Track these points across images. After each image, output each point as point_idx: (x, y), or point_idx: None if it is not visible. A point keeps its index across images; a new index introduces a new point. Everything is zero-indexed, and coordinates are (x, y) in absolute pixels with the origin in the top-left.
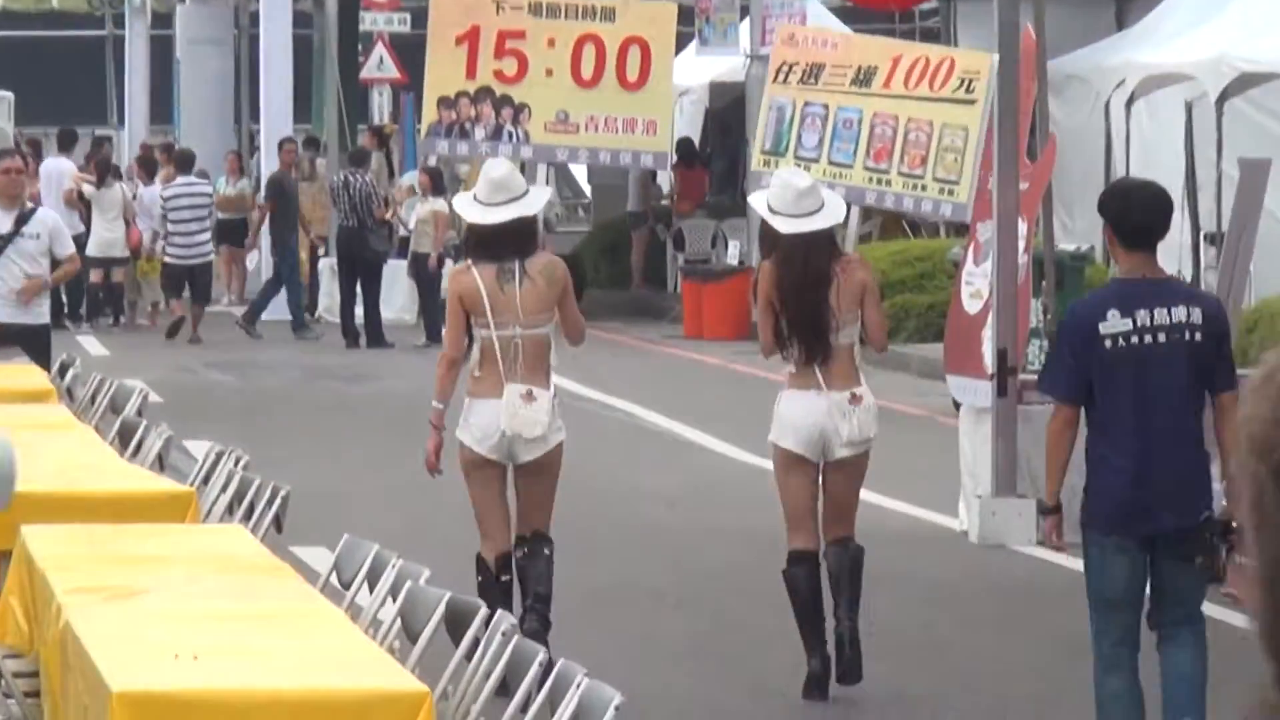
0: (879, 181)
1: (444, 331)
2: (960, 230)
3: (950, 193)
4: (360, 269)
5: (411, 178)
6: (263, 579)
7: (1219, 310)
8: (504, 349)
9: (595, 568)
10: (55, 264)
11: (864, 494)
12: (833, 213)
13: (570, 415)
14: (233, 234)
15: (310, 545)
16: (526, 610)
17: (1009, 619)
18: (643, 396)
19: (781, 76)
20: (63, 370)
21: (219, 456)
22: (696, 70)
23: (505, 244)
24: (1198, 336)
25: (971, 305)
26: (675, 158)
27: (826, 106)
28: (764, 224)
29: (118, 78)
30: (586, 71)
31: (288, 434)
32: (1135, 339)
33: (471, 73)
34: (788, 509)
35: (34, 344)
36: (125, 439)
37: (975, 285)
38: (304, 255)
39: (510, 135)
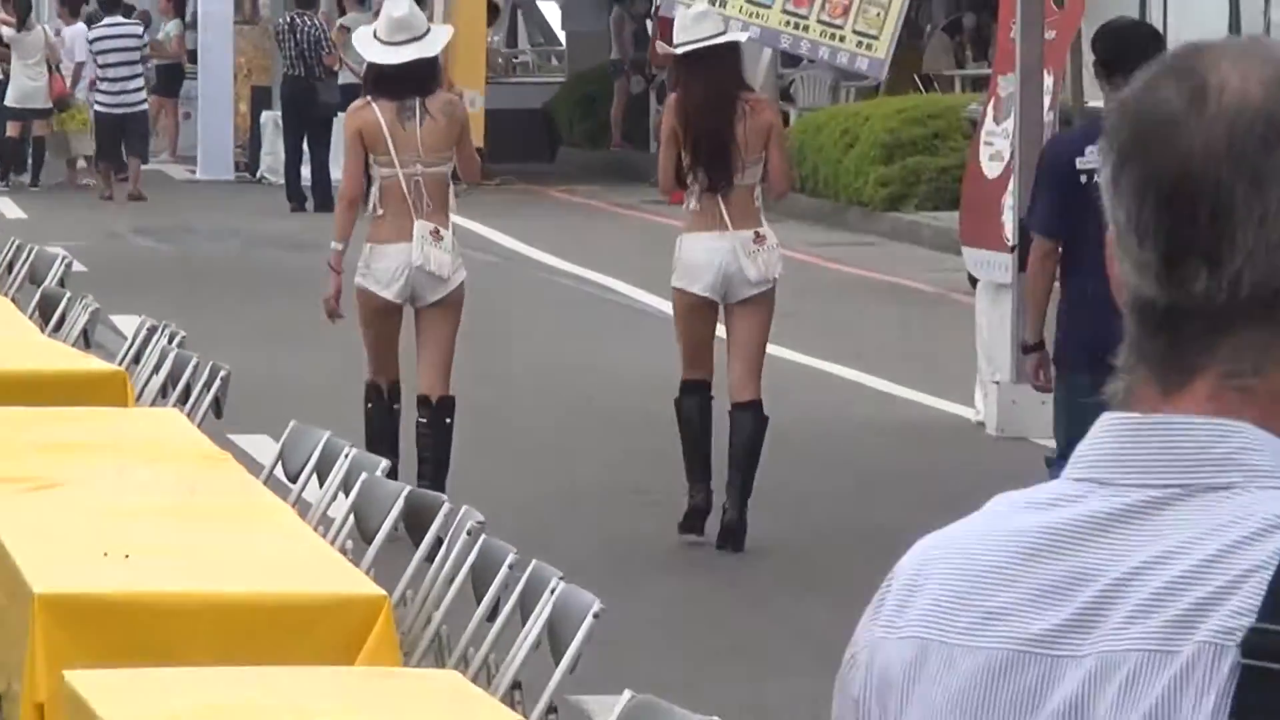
0: (796, 26)
1: (343, 169)
2: (979, 84)
3: (869, 47)
4: (308, 124)
5: (352, 19)
6: (201, 469)
7: None
8: (407, 186)
9: (570, 464)
10: None
11: (869, 380)
12: (729, 34)
13: (542, 289)
14: (165, 82)
15: (253, 433)
16: (420, 466)
17: None
18: (622, 268)
19: None
20: None
21: (151, 332)
22: None
23: (406, 83)
24: None
25: (991, 169)
26: None
27: None
28: (671, 62)
29: None
30: None
31: (227, 308)
32: None
33: None
34: (686, 347)
35: None
36: (46, 312)
37: (995, 146)
38: (243, 107)
39: None
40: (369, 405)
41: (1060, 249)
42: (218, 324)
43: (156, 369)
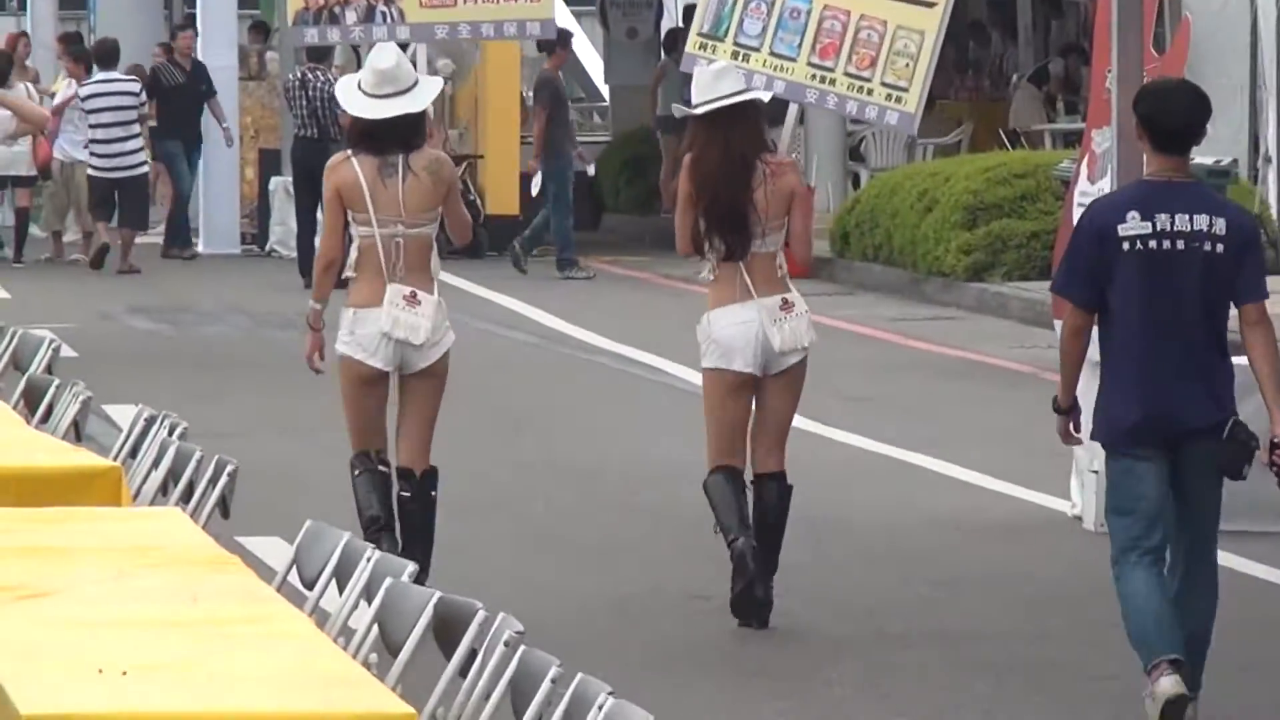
0: (822, 80)
1: (322, 229)
2: (1071, 140)
3: (898, 100)
4: (321, 190)
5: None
6: (206, 575)
7: (1244, 220)
8: (385, 248)
9: (620, 568)
10: None
11: (952, 469)
12: (752, 90)
13: (584, 371)
14: None
15: (264, 534)
16: (403, 544)
17: None
18: (672, 348)
19: None
20: None
21: (148, 423)
22: None
23: (389, 137)
24: (1218, 247)
25: None
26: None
27: None
28: (688, 124)
29: None
30: None
31: (234, 396)
32: (1153, 243)
33: None
34: (717, 434)
35: None
36: (32, 402)
37: None
38: (249, 173)
39: (384, 15)
40: (356, 473)
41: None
42: (223, 414)
43: (155, 464)
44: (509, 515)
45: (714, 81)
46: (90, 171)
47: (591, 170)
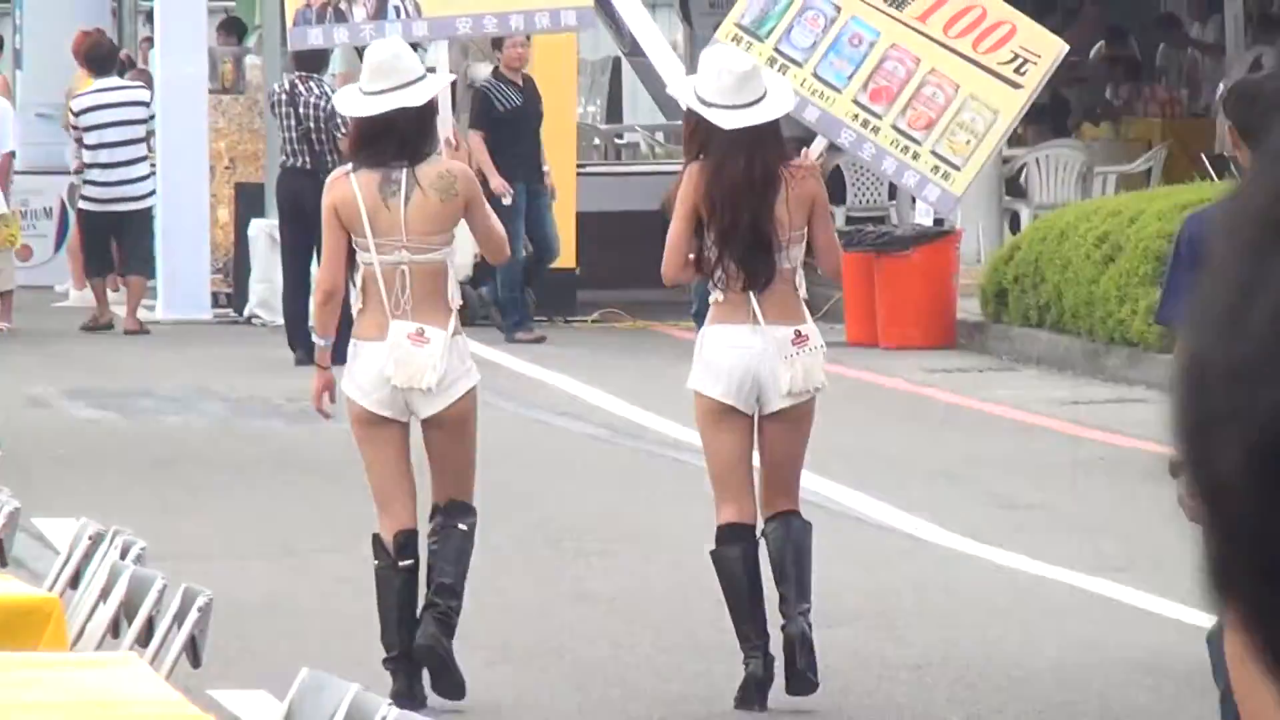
0: (865, 124)
1: (322, 254)
2: None
3: (945, 176)
4: (317, 237)
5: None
6: None
7: None
8: (388, 277)
9: (708, 695)
10: None
11: (1149, 601)
12: (780, 101)
13: (661, 472)
14: None
15: (245, 687)
16: (425, 606)
17: None
18: None
19: None
20: None
21: (94, 542)
22: None
23: (389, 144)
24: None
25: None
26: None
27: (839, 9)
28: (692, 118)
29: None
30: None
31: (204, 507)
32: None
33: None
34: (715, 468)
35: None
36: None
37: None
38: (224, 214)
39: (398, 10)
40: (376, 564)
41: None
42: (192, 529)
43: (104, 595)
44: (568, 659)
45: (738, 86)
46: (83, 204)
47: None
